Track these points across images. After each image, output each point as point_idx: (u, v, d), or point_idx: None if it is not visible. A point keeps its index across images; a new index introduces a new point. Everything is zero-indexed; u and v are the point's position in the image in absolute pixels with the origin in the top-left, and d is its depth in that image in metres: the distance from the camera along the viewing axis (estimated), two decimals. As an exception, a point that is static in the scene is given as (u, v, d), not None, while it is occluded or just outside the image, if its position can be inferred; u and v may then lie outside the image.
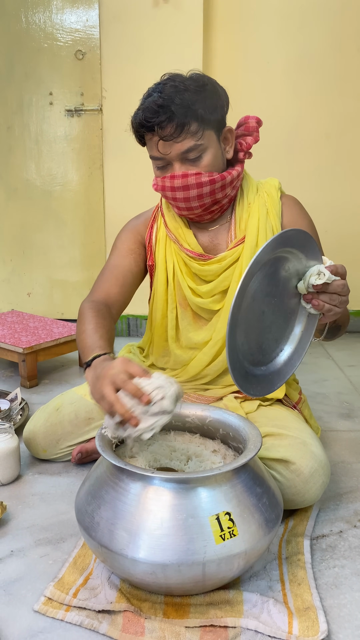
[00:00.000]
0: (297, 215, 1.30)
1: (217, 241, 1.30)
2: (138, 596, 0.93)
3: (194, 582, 0.86)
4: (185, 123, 1.12)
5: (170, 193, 1.19)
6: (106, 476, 0.94)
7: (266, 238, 1.26)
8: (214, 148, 1.18)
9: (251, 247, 1.25)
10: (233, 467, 0.88)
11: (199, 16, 2.36)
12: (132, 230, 1.38)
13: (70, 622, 0.89)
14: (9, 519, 1.18)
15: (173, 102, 1.11)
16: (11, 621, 0.90)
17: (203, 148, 1.16)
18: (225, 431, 1.09)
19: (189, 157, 1.16)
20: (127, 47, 2.43)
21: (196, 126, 1.13)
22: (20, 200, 2.79)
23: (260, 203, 1.28)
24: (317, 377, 2.14)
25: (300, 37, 2.49)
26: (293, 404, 1.35)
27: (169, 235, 1.33)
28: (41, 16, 2.57)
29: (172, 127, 1.12)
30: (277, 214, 1.28)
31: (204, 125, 1.14)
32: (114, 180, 2.59)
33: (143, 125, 1.15)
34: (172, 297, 1.34)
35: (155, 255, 1.35)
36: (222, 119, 1.20)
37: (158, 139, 1.14)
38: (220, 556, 0.84)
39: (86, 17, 2.55)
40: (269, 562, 1.03)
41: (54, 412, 1.39)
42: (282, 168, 2.56)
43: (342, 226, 2.65)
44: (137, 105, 1.19)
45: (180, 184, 1.16)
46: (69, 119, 2.66)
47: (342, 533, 1.14)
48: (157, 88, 1.15)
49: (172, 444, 1.11)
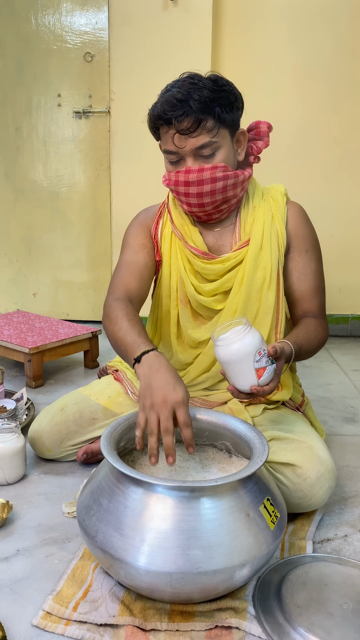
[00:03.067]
0: (300, 224, 1.31)
1: (222, 242, 1.31)
2: (142, 605, 0.92)
3: (200, 591, 0.86)
4: (202, 119, 1.13)
5: (183, 188, 1.19)
6: (109, 480, 0.93)
7: (271, 242, 1.27)
8: (227, 147, 1.19)
9: (255, 250, 1.26)
10: (239, 478, 0.88)
11: (207, 19, 2.37)
12: (142, 224, 1.38)
13: (70, 636, 0.87)
14: (15, 518, 1.18)
15: (192, 97, 1.13)
16: (17, 620, 0.90)
17: (217, 146, 1.17)
18: (231, 438, 1.08)
19: (203, 153, 1.17)
20: (136, 50, 2.44)
21: (212, 123, 1.14)
22: (28, 201, 2.80)
23: (266, 207, 1.29)
24: (321, 381, 2.14)
25: (308, 42, 2.50)
26: (297, 406, 1.36)
27: (174, 232, 1.33)
28: (51, 18, 2.58)
29: (189, 121, 1.13)
30: (283, 219, 1.29)
31: (219, 123, 1.16)
32: (120, 182, 2.60)
33: (161, 117, 1.16)
34: (174, 294, 1.35)
35: (161, 251, 1.35)
36: (237, 120, 1.21)
37: (174, 132, 1.16)
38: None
39: (95, 19, 2.56)
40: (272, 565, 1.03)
41: (59, 412, 1.40)
42: (288, 172, 2.57)
43: (348, 230, 2.66)
44: (145, 108, 1.21)
45: (195, 178, 1.17)
46: (77, 120, 2.67)
47: (347, 537, 1.14)
48: (176, 84, 1.17)
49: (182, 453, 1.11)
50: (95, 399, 1.41)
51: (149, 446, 0.97)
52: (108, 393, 1.41)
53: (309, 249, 1.31)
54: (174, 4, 2.35)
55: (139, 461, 1.08)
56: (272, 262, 1.27)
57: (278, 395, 1.31)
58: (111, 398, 1.40)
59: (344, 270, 2.68)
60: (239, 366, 1.02)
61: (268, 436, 1.17)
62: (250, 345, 1.01)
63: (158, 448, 0.97)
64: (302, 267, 1.30)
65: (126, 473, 0.88)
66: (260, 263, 1.27)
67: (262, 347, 1.02)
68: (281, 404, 1.33)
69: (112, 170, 2.60)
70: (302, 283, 1.30)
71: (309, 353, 1.22)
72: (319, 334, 1.23)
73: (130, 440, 1.08)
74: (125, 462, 1.03)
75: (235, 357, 1.01)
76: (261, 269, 1.27)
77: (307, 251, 1.31)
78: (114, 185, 2.61)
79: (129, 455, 1.10)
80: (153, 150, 1.39)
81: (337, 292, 2.71)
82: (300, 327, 1.23)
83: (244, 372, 1.02)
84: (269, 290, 1.27)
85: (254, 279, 1.27)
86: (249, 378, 1.02)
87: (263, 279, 1.27)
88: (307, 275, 1.30)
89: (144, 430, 0.98)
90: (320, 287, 1.32)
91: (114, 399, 1.40)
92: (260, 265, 1.27)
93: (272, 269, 1.27)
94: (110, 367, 1.52)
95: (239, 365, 1.02)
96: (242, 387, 1.04)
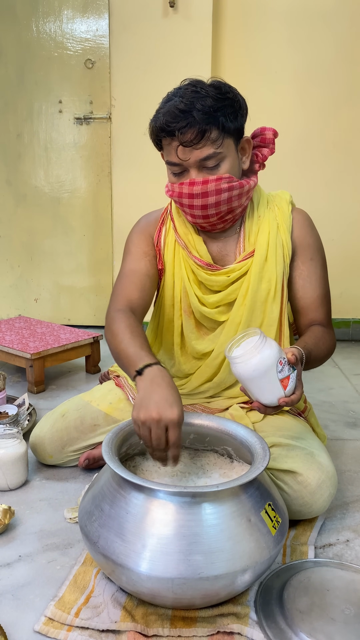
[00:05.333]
0: (305, 232, 1.29)
1: (226, 252, 1.29)
2: (144, 611, 0.92)
3: (202, 596, 0.86)
4: (206, 129, 1.09)
5: (187, 200, 1.17)
6: (111, 486, 0.93)
7: (276, 253, 1.25)
8: (232, 157, 1.16)
9: (260, 262, 1.25)
10: (241, 483, 0.88)
11: (207, 26, 2.38)
12: (144, 232, 1.35)
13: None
14: (17, 524, 1.19)
15: (195, 107, 1.08)
16: (19, 625, 0.90)
17: (222, 157, 1.14)
18: (232, 443, 1.08)
19: (207, 164, 1.14)
20: (137, 56, 2.45)
21: (217, 134, 1.11)
22: (29, 207, 2.81)
23: (271, 217, 1.27)
24: (323, 386, 2.14)
25: (308, 47, 2.51)
26: (299, 412, 1.35)
27: (178, 241, 1.31)
28: (52, 25, 2.60)
29: (193, 133, 1.09)
30: (288, 228, 1.27)
31: (224, 133, 1.12)
32: (122, 187, 2.61)
33: (163, 129, 1.12)
34: (178, 304, 1.33)
35: (164, 260, 1.33)
36: (241, 128, 1.18)
37: (178, 144, 1.12)
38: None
39: (96, 26, 2.58)
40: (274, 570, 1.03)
41: (60, 417, 1.40)
42: (289, 176, 2.58)
43: (349, 234, 2.66)
44: (145, 114, 1.18)
45: (199, 191, 1.14)
46: (78, 126, 2.68)
47: (349, 542, 1.14)
48: (178, 92, 1.13)
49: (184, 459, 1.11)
50: (96, 405, 1.40)
51: (153, 458, 0.99)
52: (109, 399, 1.41)
53: (314, 257, 1.29)
54: (174, 10, 2.37)
55: (140, 467, 1.08)
56: (277, 273, 1.25)
57: None
58: (112, 404, 1.40)
59: (345, 274, 2.68)
60: (263, 381, 0.96)
61: (269, 442, 1.17)
62: (271, 357, 0.95)
63: (166, 455, 0.98)
64: (307, 276, 1.28)
65: (128, 479, 0.88)
66: (265, 275, 1.25)
67: (281, 356, 0.97)
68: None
69: (113, 176, 2.61)
70: (307, 292, 1.28)
71: (318, 361, 1.18)
72: (326, 342, 1.20)
73: (131, 446, 1.08)
74: (127, 468, 1.04)
75: (257, 372, 0.95)
76: (266, 280, 1.25)
77: (311, 259, 1.28)
78: (115, 191, 2.62)
79: (130, 461, 1.10)
80: (154, 156, 1.39)
81: (338, 296, 2.71)
82: (308, 334, 1.20)
83: (269, 386, 0.97)
84: (273, 301, 1.26)
85: (258, 290, 1.25)
86: (275, 391, 0.97)
87: (268, 290, 1.26)
88: (312, 283, 1.28)
89: (144, 440, 0.98)
90: (325, 295, 1.30)
91: (115, 405, 1.40)
92: (265, 277, 1.25)
93: (277, 281, 1.25)
94: (112, 372, 1.52)
95: (262, 380, 0.96)
96: (269, 401, 0.98)
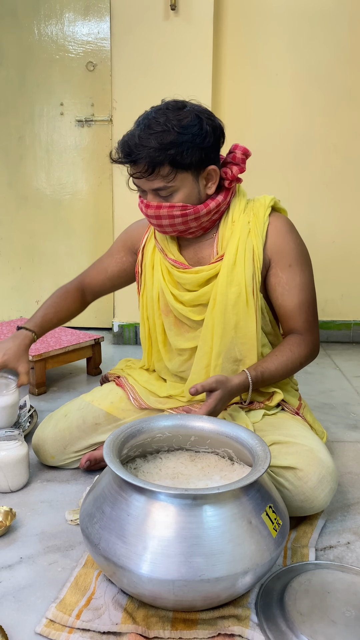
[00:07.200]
0: (282, 238, 1.28)
1: (201, 255, 1.33)
2: (145, 613, 0.92)
3: (203, 598, 0.87)
4: (157, 165, 1.15)
5: (146, 217, 1.27)
6: (112, 488, 0.93)
7: (245, 257, 1.26)
8: (187, 188, 1.20)
9: (229, 265, 1.27)
10: (242, 485, 0.88)
11: (208, 28, 2.39)
12: (129, 236, 1.48)
13: (73, 645, 0.87)
14: (18, 526, 1.19)
15: (147, 144, 1.13)
16: (21, 628, 0.90)
17: (174, 189, 1.19)
18: (233, 445, 1.08)
19: (161, 194, 1.20)
20: (138, 59, 2.46)
21: (168, 170, 1.16)
22: (30, 209, 2.82)
23: (244, 222, 1.28)
24: (323, 388, 2.14)
25: (308, 50, 2.51)
26: (295, 410, 1.36)
27: (156, 245, 1.37)
28: (53, 28, 2.60)
29: (144, 167, 1.15)
30: (260, 233, 1.27)
31: (177, 169, 1.16)
32: (123, 189, 2.59)
33: (119, 159, 1.19)
34: (156, 304, 1.38)
35: (143, 263, 1.41)
36: (204, 158, 1.19)
37: (132, 172, 1.20)
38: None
39: (97, 29, 2.58)
40: (275, 573, 1.03)
41: (62, 418, 1.42)
42: (289, 178, 2.58)
43: (349, 236, 2.66)
44: None
45: (153, 214, 1.22)
46: (79, 129, 2.69)
47: (350, 544, 1.14)
48: (144, 121, 1.17)
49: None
50: (97, 404, 1.43)
51: None
52: (110, 399, 1.44)
53: (293, 264, 1.28)
54: (175, 13, 2.37)
55: (141, 469, 1.08)
56: (245, 277, 1.26)
57: (272, 401, 1.32)
58: (113, 403, 1.42)
59: (346, 276, 2.68)
60: None
61: (269, 441, 1.18)
62: None
63: None
64: (286, 283, 1.28)
65: (129, 481, 0.88)
66: (234, 278, 1.26)
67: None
68: (281, 409, 1.34)
69: (114, 178, 2.62)
70: (285, 299, 1.29)
71: (282, 375, 1.27)
72: (296, 354, 1.26)
73: (133, 448, 1.08)
74: (128, 470, 1.04)
75: None
76: (235, 284, 1.26)
77: (290, 266, 1.28)
78: (116, 193, 2.62)
79: (131, 463, 1.10)
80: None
81: (339, 298, 2.72)
82: (276, 350, 1.28)
83: None
84: (246, 306, 1.27)
85: (227, 294, 1.27)
86: None
87: (237, 294, 1.27)
88: (290, 291, 1.28)
89: None
90: (305, 302, 1.29)
91: (117, 404, 1.42)
92: (234, 281, 1.26)
93: (247, 284, 1.26)
94: (112, 374, 1.53)
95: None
96: None
